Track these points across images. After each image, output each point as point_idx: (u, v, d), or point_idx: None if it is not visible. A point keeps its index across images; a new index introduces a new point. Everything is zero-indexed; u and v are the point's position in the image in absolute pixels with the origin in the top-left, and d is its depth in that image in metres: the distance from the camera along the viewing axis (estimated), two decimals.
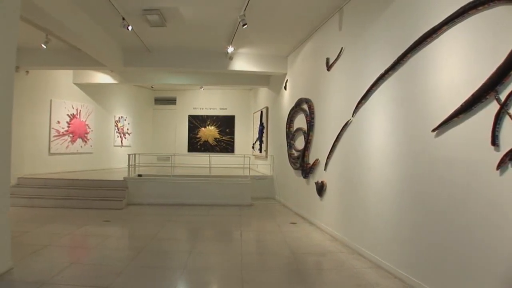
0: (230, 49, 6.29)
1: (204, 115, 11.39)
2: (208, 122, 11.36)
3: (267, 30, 5.70)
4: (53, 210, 6.14)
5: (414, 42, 3.10)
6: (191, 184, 7.12)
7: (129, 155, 7.37)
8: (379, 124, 3.71)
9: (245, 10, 4.70)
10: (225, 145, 11.25)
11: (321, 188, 5.14)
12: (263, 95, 9.65)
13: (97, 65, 6.85)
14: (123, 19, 4.94)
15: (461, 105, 2.58)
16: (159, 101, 11.60)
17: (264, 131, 9.01)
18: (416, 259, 3.04)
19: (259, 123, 9.47)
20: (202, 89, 10.99)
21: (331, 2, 4.63)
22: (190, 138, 11.38)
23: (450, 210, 2.66)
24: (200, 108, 11.42)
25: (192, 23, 5.42)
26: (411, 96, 3.18)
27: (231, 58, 6.70)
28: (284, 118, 7.10)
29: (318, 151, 5.38)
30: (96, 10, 5.00)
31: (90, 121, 9.03)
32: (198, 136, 11.35)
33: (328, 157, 4.94)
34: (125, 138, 10.43)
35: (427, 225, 2.91)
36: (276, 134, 8.00)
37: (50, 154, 7.93)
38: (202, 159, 9.06)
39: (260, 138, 9.34)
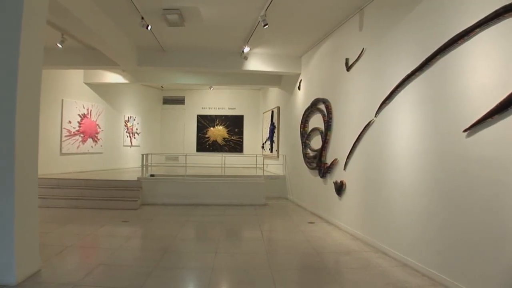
0: (246, 49, 6.29)
1: (213, 115, 11.39)
2: (217, 122, 11.36)
3: (284, 31, 5.70)
4: (68, 211, 6.12)
5: (444, 44, 3.12)
6: (204, 184, 7.12)
7: (142, 155, 7.35)
8: (405, 124, 3.73)
9: (266, 10, 4.70)
10: (234, 145, 11.25)
11: (340, 188, 5.14)
12: (273, 95, 9.65)
13: (110, 64, 6.84)
14: (142, 18, 4.93)
15: (496, 106, 2.61)
16: (168, 100, 11.58)
17: (275, 131, 9.01)
18: (445, 257, 3.07)
19: (269, 123, 9.47)
20: (211, 89, 10.98)
21: (352, 3, 4.63)
22: (198, 138, 11.37)
23: (481, 208, 2.71)
24: (209, 108, 11.41)
25: (210, 23, 5.41)
26: (440, 97, 3.21)
27: (246, 58, 6.70)
28: (298, 118, 7.11)
29: (337, 151, 5.39)
30: (114, 10, 4.99)
31: (100, 121, 9.02)
32: (206, 136, 11.35)
33: (348, 157, 4.95)
34: (134, 138, 10.41)
35: (456, 223, 2.95)
36: (288, 134, 8.00)
37: (62, 154, 7.92)
38: (211, 159, 9.05)
39: (271, 138, 9.34)
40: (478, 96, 2.79)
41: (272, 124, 9.23)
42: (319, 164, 5.91)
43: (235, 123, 11.31)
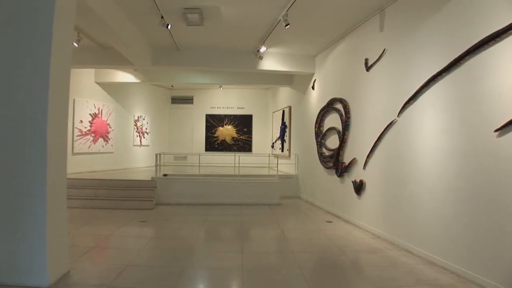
0: (263, 49, 6.29)
1: (222, 114, 11.39)
2: (226, 121, 11.36)
3: (302, 31, 5.69)
4: (83, 211, 6.10)
5: (474, 45, 3.16)
6: (219, 183, 7.12)
7: (156, 154, 7.34)
8: (430, 124, 3.76)
9: (288, 10, 4.69)
10: (243, 144, 11.25)
11: (359, 187, 5.15)
12: (284, 95, 9.65)
13: (124, 63, 6.82)
14: (162, 17, 4.91)
15: None
16: (176, 100, 11.57)
17: (287, 130, 9.01)
18: (473, 254, 3.12)
19: (280, 122, 9.47)
20: (221, 88, 10.95)
21: (373, 3, 4.64)
22: (207, 138, 11.37)
23: (511, 206, 2.76)
24: (217, 107, 11.40)
25: (229, 22, 5.40)
26: (469, 97, 3.25)
27: (261, 57, 6.69)
28: (312, 118, 7.11)
29: (355, 150, 5.40)
30: (134, 9, 4.97)
31: (111, 120, 8.99)
32: (215, 135, 11.34)
33: (368, 156, 4.96)
34: (143, 137, 10.38)
35: (485, 221, 3.01)
36: (301, 133, 8.01)
37: (74, 154, 7.88)
38: (221, 158, 9.04)
39: (282, 137, 9.34)
40: (510, 97, 2.82)
41: (283, 123, 9.23)
42: (336, 163, 5.92)
43: (244, 123, 11.31)
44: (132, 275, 3.22)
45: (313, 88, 7.29)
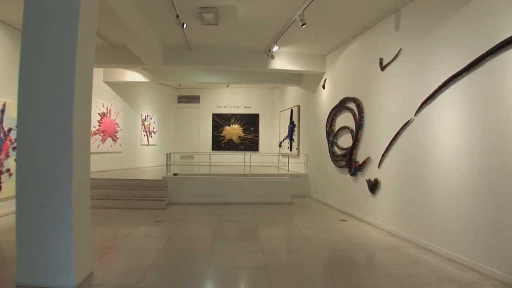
0: (275, 48, 6.29)
1: (228, 114, 11.40)
2: (232, 121, 11.36)
3: (316, 30, 5.70)
4: (96, 211, 6.05)
5: (495, 46, 3.19)
6: (230, 182, 7.13)
7: (167, 154, 7.33)
8: (449, 123, 3.79)
9: (304, 9, 4.69)
10: (250, 144, 11.27)
11: (374, 186, 5.17)
12: (292, 94, 9.66)
13: (135, 63, 6.81)
14: (177, 16, 4.90)
15: None
16: (182, 99, 11.56)
17: (295, 129, 9.02)
18: (495, 251, 3.16)
19: (288, 121, 9.48)
20: (228, 87, 10.95)
21: (389, 3, 4.65)
22: (214, 137, 11.37)
23: None
24: (224, 107, 11.40)
25: (244, 21, 5.40)
26: (489, 97, 3.29)
27: (272, 57, 6.69)
28: (323, 117, 7.13)
29: (369, 149, 5.42)
30: (149, 8, 4.96)
31: (119, 119, 8.97)
32: (222, 134, 11.34)
33: (383, 155, 4.98)
34: (151, 137, 10.37)
35: (505, 218, 3.05)
36: (311, 132, 8.03)
37: None
38: (229, 158, 9.04)
39: (290, 137, 9.35)
40: None
41: (292, 122, 9.24)
42: (349, 162, 5.94)
43: (250, 122, 11.32)
44: (156, 275, 3.22)
45: (323, 87, 7.31)
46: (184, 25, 5.03)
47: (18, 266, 2.90)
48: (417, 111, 4.30)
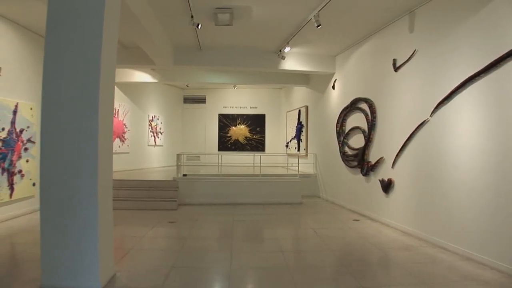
0: (287, 49, 6.30)
1: (235, 114, 11.42)
2: (239, 121, 11.37)
3: (328, 31, 5.72)
4: None
5: None
6: (240, 183, 7.15)
7: (177, 154, 7.33)
8: (466, 123, 3.83)
9: (319, 11, 4.71)
10: (256, 144, 11.28)
11: (388, 186, 5.20)
12: (299, 94, 9.68)
13: (144, 63, 6.82)
14: (192, 17, 4.90)
15: None
16: (188, 100, 11.57)
17: (303, 129, 9.04)
18: None
19: (296, 122, 9.50)
20: (235, 87, 10.96)
21: (403, 5, 4.68)
22: (220, 137, 11.38)
23: None
24: (230, 107, 11.42)
25: (257, 22, 5.42)
26: (509, 98, 3.31)
27: (283, 57, 6.71)
28: (333, 117, 7.15)
29: (382, 149, 5.45)
30: (164, 9, 4.96)
31: (127, 120, 8.97)
32: (228, 135, 11.35)
33: (397, 155, 5.00)
34: (158, 137, 10.37)
35: None
36: (320, 132, 8.06)
37: None
38: (234, 158, 9.02)
39: (298, 137, 9.37)
40: None
41: (300, 123, 9.26)
42: (361, 162, 5.96)
43: (257, 122, 11.34)
44: (180, 277, 3.22)
45: (333, 87, 7.33)
46: (199, 26, 5.04)
47: (42, 268, 2.88)
48: (433, 112, 4.33)
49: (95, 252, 2.88)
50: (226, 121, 11.41)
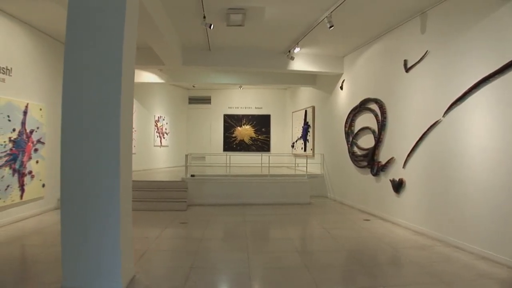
0: (297, 49, 6.32)
1: (240, 114, 11.43)
2: (244, 121, 11.39)
3: (339, 32, 5.72)
4: None
5: None
6: (249, 183, 7.16)
7: (186, 155, 7.34)
8: (480, 124, 3.86)
9: (332, 11, 4.73)
10: (261, 144, 11.30)
11: (399, 185, 5.22)
12: (305, 95, 9.70)
13: (152, 63, 6.82)
14: (204, 17, 4.91)
15: None
16: (193, 100, 11.57)
17: (310, 130, 9.05)
18: None
19: (302, 122, 9.52)
20: (241, 88, 10.97)
21: (415, 6, 4.71)
22: (225, 138, 11.39)
23: None
24: (235, 107, 11.43)
25: (269, 23, 5.44)
26: None
27: (292, 58, 6.72)
28: (341, 118, 7.17)
29: (393, 150, 5.47)
30: (177, 9, 4.96)
31: (133, 120, 8.93)
32: (233, 135, 11.36)
33: (409, 155, 5.02)
34: (163, 138, 10.36)
35: None
36: (327, 133, 8.08)
37: None
38: (239, 158, 9.03)
39: (304, 137, 9.38)
40: None
41: (306, 123, 9.28)
42: (372, 162, 5.98)
43: (262, 123, 11.36)
44: (200, 278, 3.20)
45: (341, 88, 7.35)
46: (211, 27, 5.04)
47: (63, 270, 2.86)
48: (446, 112, 4.36)
49: (117, 254, 2.86)
50: (231, 121, 11.42)
